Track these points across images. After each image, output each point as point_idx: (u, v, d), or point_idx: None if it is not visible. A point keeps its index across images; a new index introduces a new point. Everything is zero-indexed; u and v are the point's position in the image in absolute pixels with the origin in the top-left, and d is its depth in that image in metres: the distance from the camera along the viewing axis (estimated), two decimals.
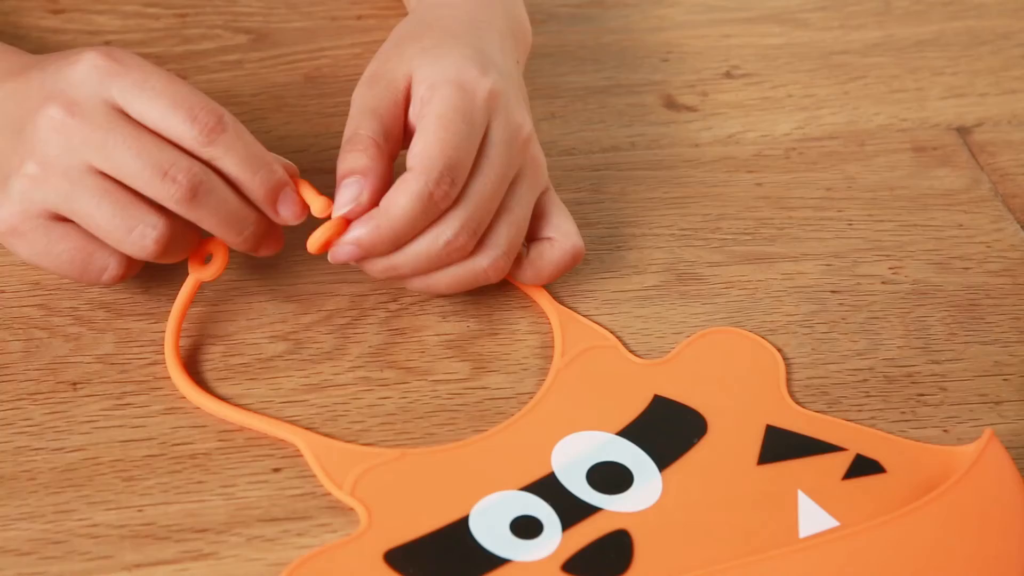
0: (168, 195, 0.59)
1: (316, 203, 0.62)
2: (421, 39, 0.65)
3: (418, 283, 0.65)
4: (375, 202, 0.62)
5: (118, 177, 0.59)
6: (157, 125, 0.59)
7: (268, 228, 0.63)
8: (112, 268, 0.62)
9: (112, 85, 0.59)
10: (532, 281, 0.67)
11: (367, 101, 0.64)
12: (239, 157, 0.60)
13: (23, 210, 0.60)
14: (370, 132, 0.63)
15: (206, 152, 0.59)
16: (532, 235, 0.67)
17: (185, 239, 0.62)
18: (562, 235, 0.66)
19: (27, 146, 0.59)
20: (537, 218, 0.67)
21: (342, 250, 0.62)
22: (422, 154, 0.61)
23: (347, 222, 0.62)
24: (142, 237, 0.59)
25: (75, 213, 0.60)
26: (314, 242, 0.62)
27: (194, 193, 0.59)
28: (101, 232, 0.60)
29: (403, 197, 0.61)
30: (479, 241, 0.64)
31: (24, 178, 0.59)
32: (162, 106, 0.59)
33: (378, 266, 0.64)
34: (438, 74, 0.63)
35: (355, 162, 0.62)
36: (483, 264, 0.64)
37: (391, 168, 0.63)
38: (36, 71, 0.61)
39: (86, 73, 0.59)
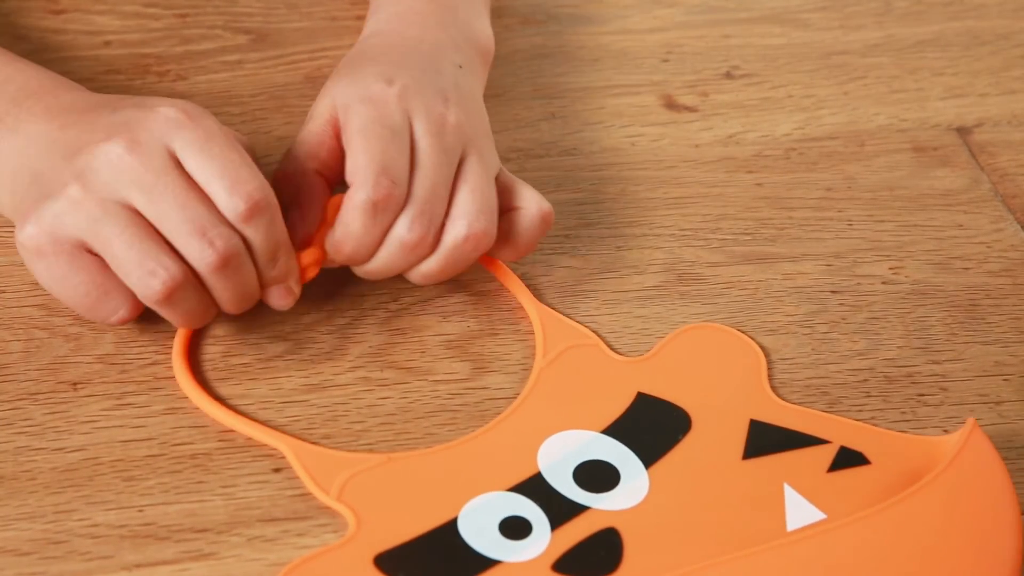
0: (200, 256, 0.59)
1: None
2: (340, 71, 0.68)
3: (413, 276, 0.65)
4: (316, 214, 0.64)
5: (156, 224, 0.59)
6: (204, 186, 0.60)
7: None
8: (123, 311, 0.62)
9: (176, 136, 0.60)
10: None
11: (298, 137, 0.66)
12: (267, 243, 0.61)
13: (51, 231, 0.60)
14: (282, 167, 0.66)
15: (240, 227, 0.60)
16: (499, 210, 0.67)
17: (198, 304, 0.61)
18: (526, 202, 0.67)
19: (76, 171, 0.60)
20: (499, 193, 0.67)
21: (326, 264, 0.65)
22: (353, 168, 0.63)
23: (322, 249, 0.64)
24: (152, 275, 0.59)
25: (98, 238, 0.59)
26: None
27: (226, 262, 0.60)
28: (115, 262, 0.60)
29: (349, 213, 0.63)
30: (447, 217, 0.64)
31: (64, 200, 0.60)
32: (213, 170, 0.59)
33: (357, 271, 0.66)
34: (348, 96, 0.65)
35: (288, 190, 0.65)
36: (460, 233, 0.64)
37: (314, 179, 0.65)
38: (107, 111, 0.62)
39: (157, 120, 0.60)
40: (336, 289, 0.68)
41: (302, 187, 0.65)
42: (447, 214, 0.64)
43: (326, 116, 0.65)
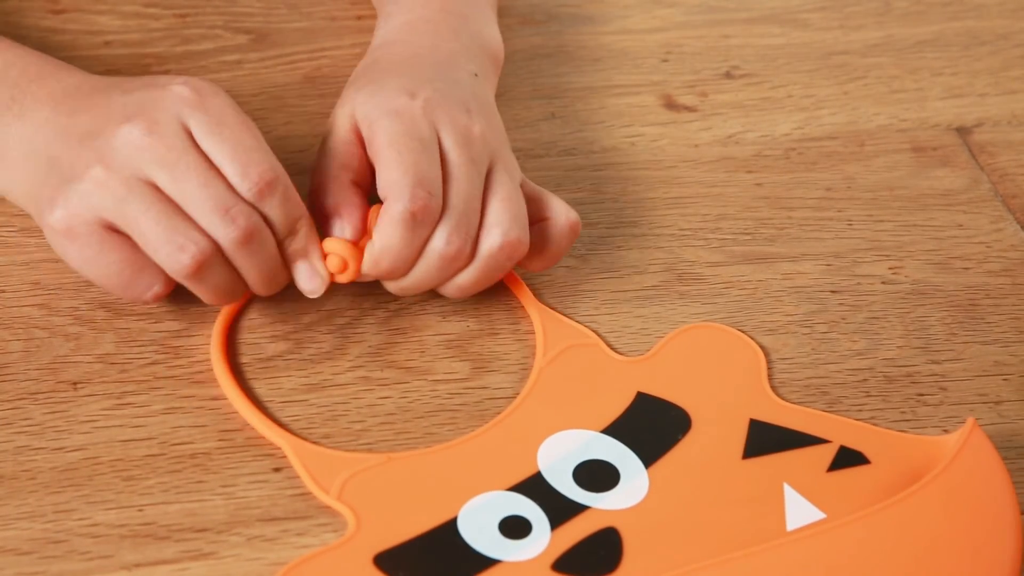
0: (224, 233, 0.60)
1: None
2: (358, 81, 0.68)
3: (448, 289, 0.66)
4: (360, 223, 0.64)
5: (179, 202, 0.60)
6: (219, 167, 0.61)
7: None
8: (158, 287, 0.62)
9: (190, 116, 0.61)
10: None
11: (322, 148, 0.66)
12: (285, 217, 0.62)
13: (80, 213, 0.60)
14: (317, 179, 0.65)
15: (257, 205, 0.61)
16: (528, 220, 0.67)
17: (226, 279, 0.62)
18: (555, 212, 0.67)
19: (97, 153, 0.60)
20: (527, 203, 0.67)
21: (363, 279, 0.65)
22: (387, 181, 0.63)
23: (360, 249, 0.64)
24: (181, 250, 0.60)
25: (125, 217, 0.60)
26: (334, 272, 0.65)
27: (249, 239, 0.60)
28: (143, 239, 0.60)
29: (388, 227, 0.63)
30: (481, 228, 0.64)
31: (88, 181, 0.60)
32: (224, 153, 0.60)
33: (391, 287, 0.66)
34: (372, 110, 0.65)
35: (327, 203, 0.65)
36: (496, 243, 0.64)
37: (351, 189, 0.65)
38: (117, 93, 0.62)
39: (171, 100, 0.61)
40: (336, 289, 0.68)
41: (340, 198, 0.65)
42: (480, 225, 0.64)
43: (348, 126, 0.65)
